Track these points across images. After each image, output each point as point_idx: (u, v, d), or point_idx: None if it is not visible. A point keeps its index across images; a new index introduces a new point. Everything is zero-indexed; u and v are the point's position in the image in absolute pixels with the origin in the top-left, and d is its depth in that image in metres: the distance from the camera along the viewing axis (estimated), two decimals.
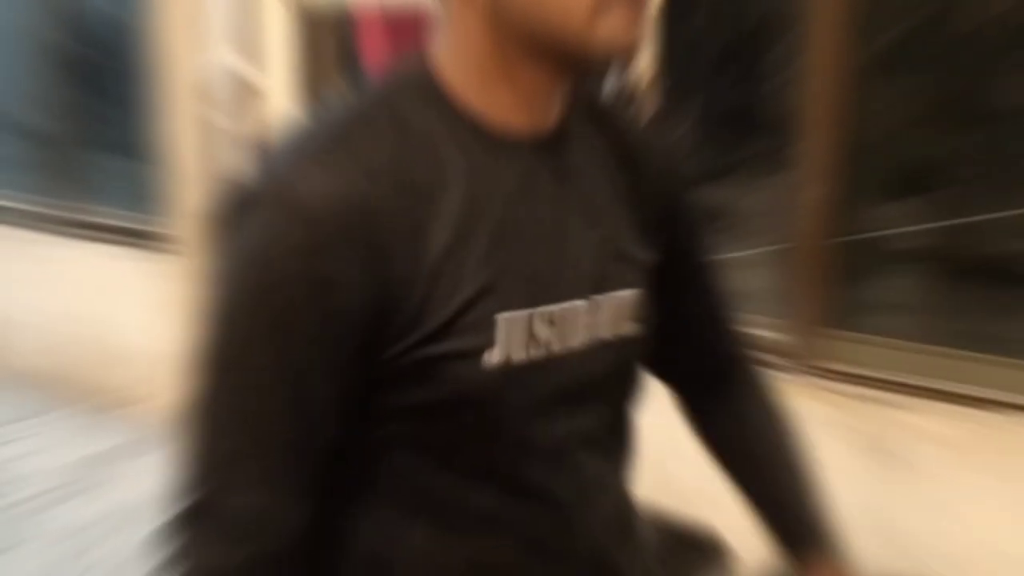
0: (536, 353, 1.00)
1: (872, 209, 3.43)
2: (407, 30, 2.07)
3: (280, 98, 1.96)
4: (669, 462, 2.48)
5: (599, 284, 1.06)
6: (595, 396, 1.09)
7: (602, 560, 1.12)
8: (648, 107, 3.05)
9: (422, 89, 0.99)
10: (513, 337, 0.98)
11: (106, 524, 3.93)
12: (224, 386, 0.93)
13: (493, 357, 0.96)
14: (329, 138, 0.95)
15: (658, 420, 1.42)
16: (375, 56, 2.08)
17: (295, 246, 0.89)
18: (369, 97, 1.00)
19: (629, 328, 1.10)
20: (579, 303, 1.04)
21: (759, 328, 3.40)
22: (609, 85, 1.09)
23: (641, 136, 1.16)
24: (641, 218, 1.12)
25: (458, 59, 0.99)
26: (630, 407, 1.17)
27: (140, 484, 4.22)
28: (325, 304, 0.90)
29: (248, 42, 2.04)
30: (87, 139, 5.28)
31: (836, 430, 3.26)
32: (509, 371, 0.97)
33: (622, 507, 1.16)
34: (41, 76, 5.22)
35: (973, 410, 3.08)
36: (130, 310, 4.94)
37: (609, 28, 0.93)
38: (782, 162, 3.38)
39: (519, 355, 0.98)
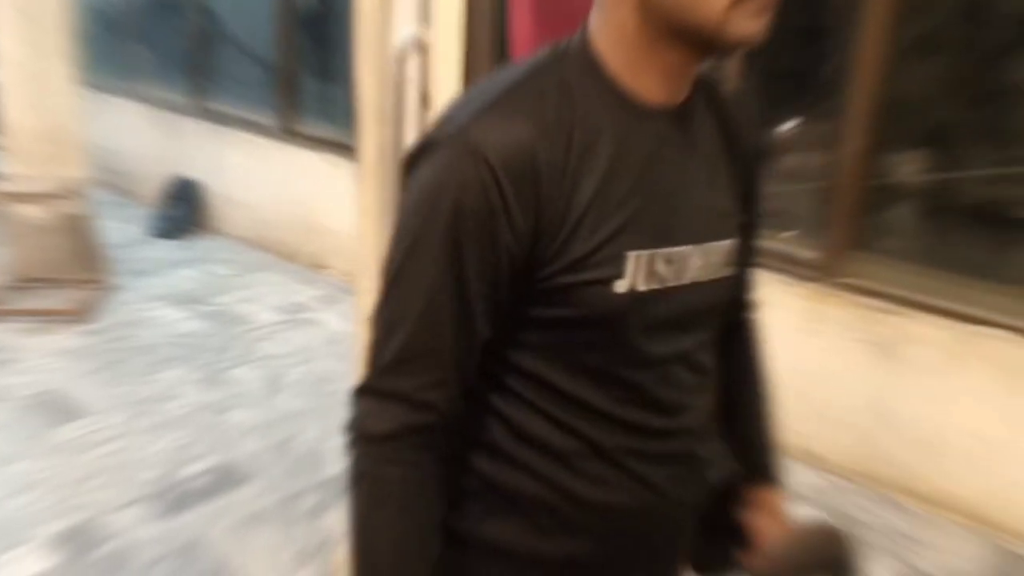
0: (655, 285, 0.94)
1: (893, 156, 3.30)
2: (553, 9, 1.98)
3: (446, 55, 1.91)
4: None
5: (708, 234, 0.99)
6: (695, 324, 1.03)
7: (691, 452, 1.06)
8: (732, 69, 2.92)
9: (582, 61, 0.93)
10: (638, 271, 0.92)
11: (300, 355, 4.04)
12: (404, 291, 0.91)
13: (621, 286, 0.91)
14: (506, 96, 0.89)
15: None
16: (519, 23, 1.99)
17: (470, 181, 0.85)
18: (540, 64, 0.93)
19: (726, 271, 1.03)
20: (691, 248, 0.97)
21: (797, 247, 3.31)
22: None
23: (737, 109, 1.07)
24: (737, 180, 1.06)
25: (612, 40, 0.92)
26: (716, 335, 1.11)
27: (327, 328, 4.37)
28: (490, 229, 0.86)
29: (424, 9, 1.99)
30: (307, 70, 5.34)
31: (851, 330, 3.19)
32: (633, 298, 0.92)
33: (706, 413, 1.09)
34: (279, 22, 5.23)
35: (959, 322, 2.98)
36: (325, 199, 5.03)
37: (742, 20, 0.86)
38: (828, 114, 3.27)
39: (641, 286, 0.92)
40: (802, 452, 3.29)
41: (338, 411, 3.29)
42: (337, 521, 2.76)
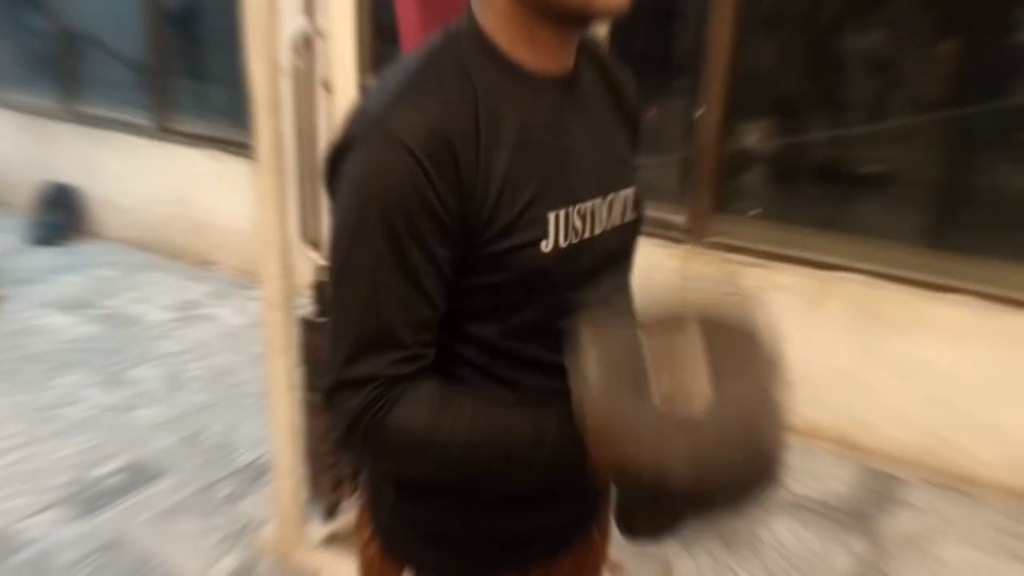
0: (573, 240, 0.97)
1: (746, 125, 3.47)
2: None
3: (341, 44, 1.89)
4: None
5: (609, 185, 1.03)
6: (612, 269, 1.07)
7: None
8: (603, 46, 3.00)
9: (474, 42, 0.94)
10: (558, 229, 0.95)
11: (198, 351, 3.94)
12: (352, 284, 0.90)
13: (546, 245, 0.94)
14: (412, 84, 0.90)
15: None
16: (405, 9, 2.00)
17: (395, 169, 0.86)
18: (436, 50, 0.94)
19: (631, 216, 1.08)
20: (598, 200, 1.01)
21: (667, 212, 3.42)
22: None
23: (617, 69, 1.11)
24: (627, 131, 1.11)
25: (495, 22, 0.94)
26: (631, 276, 1.15)
27: (222, 322, 4.28)
28: (423, 211, 0.87)
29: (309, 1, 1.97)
30: (180, 69, 5.18)
31: (722, 287, 3.32)
32: (557, 254, 0.95)
33: None
34: (148, 21, 5.03)
35: (816, 269, 3.17)
36: (208, 195, 4.90)
37: None
38: (687, 91, 3.40)
39: (563, 242, 0.96)
40: None
41: (243, 402, 3.26)
42: (255, 505, 2.73)
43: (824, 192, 3.47)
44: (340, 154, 0.91)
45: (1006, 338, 2.89)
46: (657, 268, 3.41)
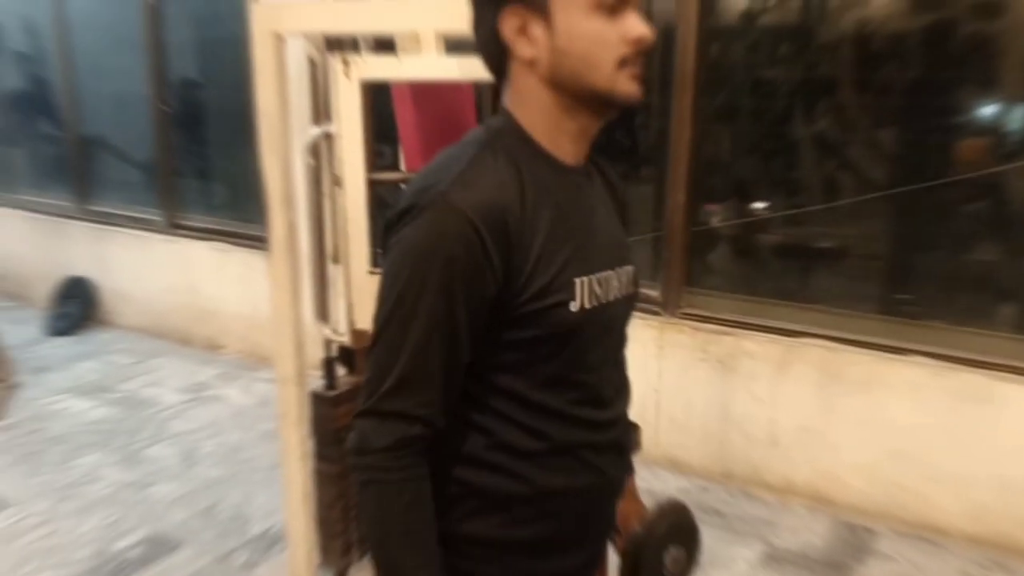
0: (594, 303, 1.06)
1: (709, 206, 3.61)
2: (427, 95, 2.14)
3: (351, 145, 2.01)
4: None
5: (618, 260, 1.14)
6: (618, 330, 1.18)
7: (620, 439, 1.19)
8: None
9: (515, 136, 1.06)
10: (583, 292, 1.05)
11: (210, 429, 3.98)
12: (399, 329, 0.99)
13: (574, 306, 1.03)
14: (470, 167, 1.00)
15: None
16: (403, 113, 2.13)
17: (457, 235, 0.96)
18: (484, 141, 1.05)
19: (631, 289, 1.18)
20: (611, 272, 1.11)
21: (643, 288, 3.51)
22: None
23: (606, 165, 1.23)
24: (617, 217, 1.22)
25: (532, 115, 1.06)
26: (627, 339, 1.24)
27: (231, 402, 4.31)
28: (476, 273, 0.97)
29: (324, 104, 2.09)
30: (186, 169, 5.34)
31: (694, 352, 3.42)
32: (582, 314, 1.04)
33: (626, 405, 1.23)
34: (156, 126, 5.19)
35: (782, 336, 3.25)
36: (215, 283, 4.99)
37: (624, 81, 1.01)
38: (654, 177, 3.54)
39: (587, 304, 1.05)
40: (666, 460, 3.50)
41: (254, 476, 3.28)
42: (269, 572, 2.75)
43: (784, 266, 3.59)
44: (401, 217, 1.00)
45: (958, 394, 2.98)
46: (636, 340, 3.49)
